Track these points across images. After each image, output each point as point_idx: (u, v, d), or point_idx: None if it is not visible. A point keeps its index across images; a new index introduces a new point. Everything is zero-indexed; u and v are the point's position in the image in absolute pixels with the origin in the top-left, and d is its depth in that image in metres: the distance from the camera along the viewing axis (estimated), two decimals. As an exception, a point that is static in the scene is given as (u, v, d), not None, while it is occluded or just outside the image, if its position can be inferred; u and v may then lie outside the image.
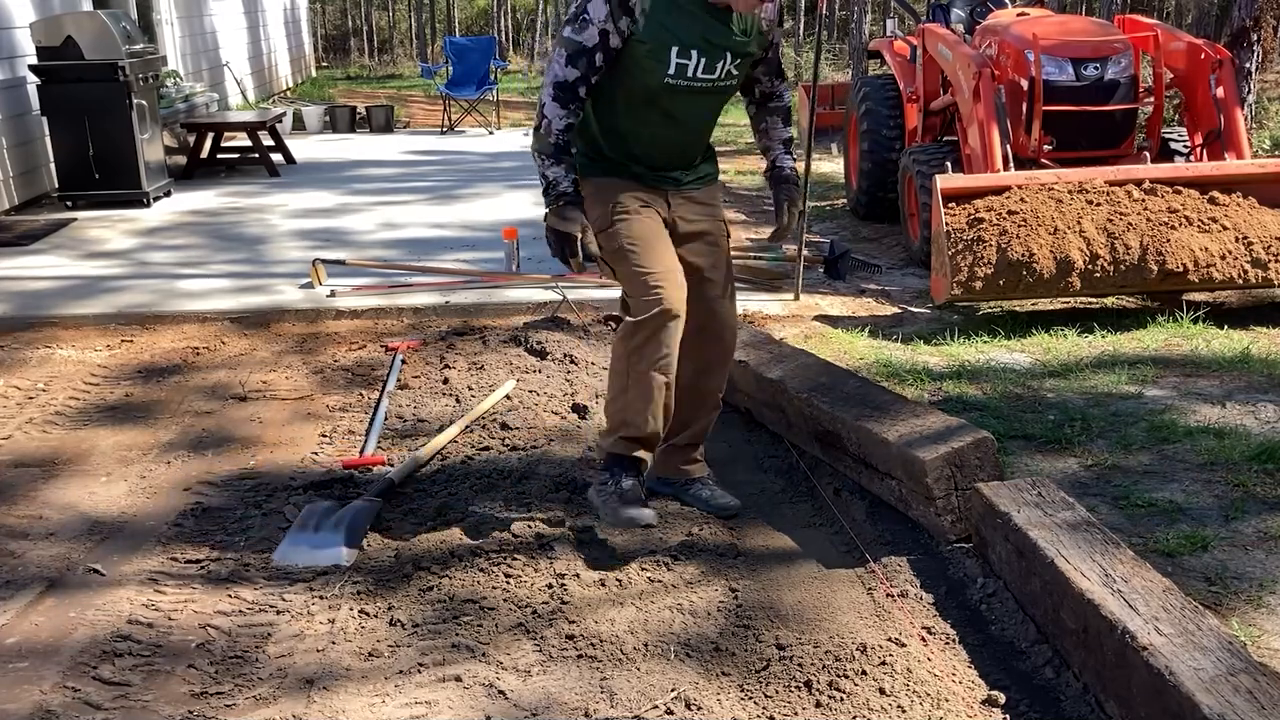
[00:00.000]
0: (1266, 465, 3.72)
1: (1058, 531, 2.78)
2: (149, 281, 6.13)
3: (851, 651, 2.62)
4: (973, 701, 2.50)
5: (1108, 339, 5.24)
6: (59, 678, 2.62)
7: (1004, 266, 5.29)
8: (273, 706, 2.50)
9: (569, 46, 2.95)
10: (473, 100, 12.39)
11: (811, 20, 21.37)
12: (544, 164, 3.01)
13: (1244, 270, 5.38)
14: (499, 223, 7.09)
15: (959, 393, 4.52)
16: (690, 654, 2.66)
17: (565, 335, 5.05)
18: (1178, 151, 6.56)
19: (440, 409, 4.29)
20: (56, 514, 3.50)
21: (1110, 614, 2.39)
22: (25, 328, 5.38)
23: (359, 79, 21.45)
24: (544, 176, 3.02)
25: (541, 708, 2.47)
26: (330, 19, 30.29)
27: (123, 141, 7.82)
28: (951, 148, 6.79)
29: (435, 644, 2.73)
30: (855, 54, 15.33)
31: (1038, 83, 6.15)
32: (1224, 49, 6.71)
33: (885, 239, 7.55)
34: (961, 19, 7.63)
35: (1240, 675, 2.16)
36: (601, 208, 3.08)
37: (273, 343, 5.24)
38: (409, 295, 5.78)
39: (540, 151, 3.01)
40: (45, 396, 4.54)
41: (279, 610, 2.91)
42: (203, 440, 4.09)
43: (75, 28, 7.64)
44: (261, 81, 14.93)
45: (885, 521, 3.38)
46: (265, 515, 3.47)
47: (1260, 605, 2.90)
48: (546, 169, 3.01)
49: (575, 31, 2.94)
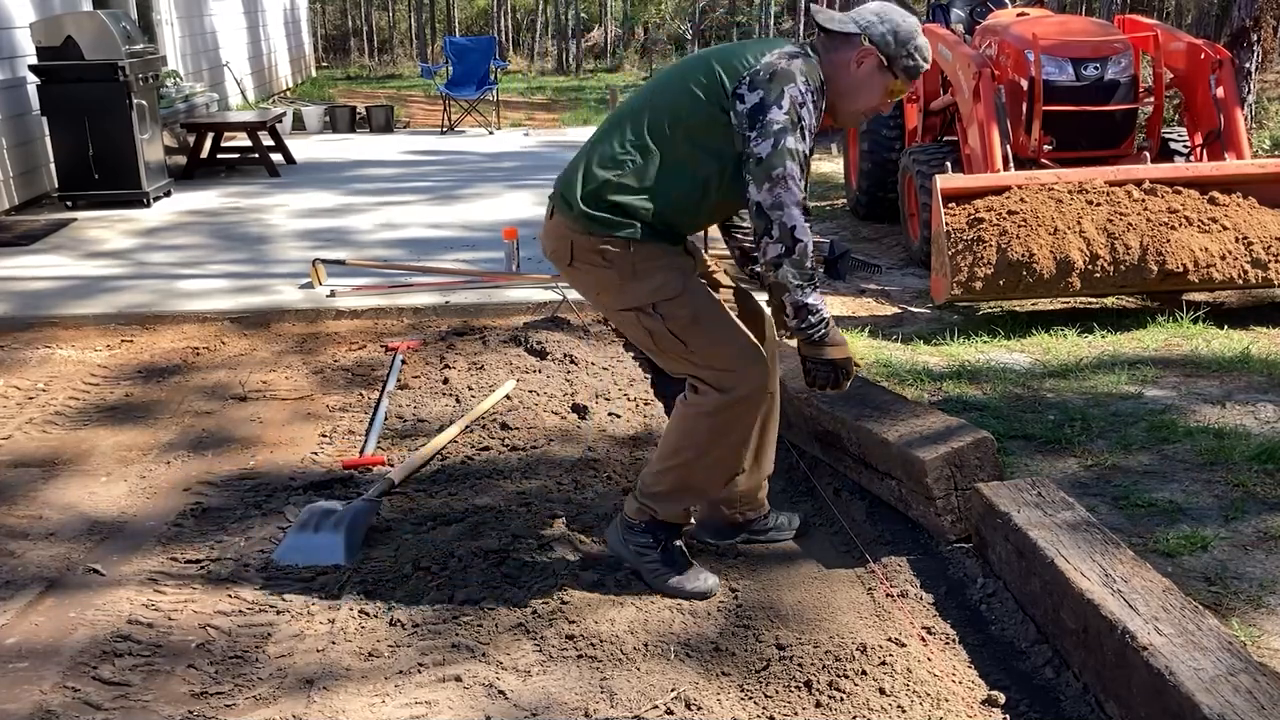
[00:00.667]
0: (1266, 465, 3.72)
1: (1058, 531, 2.78)
2: (149, 281, 6.12)
3: (851, 651, 2.62)
4: (973, 701, 2.50)
5: (1108, 339, 5.24)
6: (59, 678, 2.62)
7: (1004, 266, 5.29)
8: (273, 706, 2.50)
9: (798, 158, 2.65)
10: (473, 100, 12.39)
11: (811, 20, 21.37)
12: (804, 292, 2.69)
13: (1244, 270, 5.38)
14: (499, 223, 7.09)
15: (959, 393, 4.52)
16: (690, 654, 2.66)
17: (565, 335, 5.05)
18: (1178, 151, 6.56)
19: (440, 409, 4.29)
20: (56, 514, 3.50)
21: (1110, 614, 2.39)
22: (25, 328, 5.38)
23: (359, 79, 21.46)
24: (804, 305, 2.71)
25: (541, 708, 2.47)
26: (330, 19, 30.29)
27: (123, 141, 7.81)
28: (951, 148, 6.79)
29: (435, 644, 2.73)
30: (855, 54, 15.34)
31: (1038, 83, 6.16)
32: (1224, 49, 6.71)
33: (885, 239, 7.56)
34: (961, 19, 7.64)
35: (1240, 675, 2.16)
36: (663, 275, 2.80)
37: (273, 343, 5.24)
38: (409, 295, 5.78)
39: (801, 278, 2.67)
40: (45, 396, 4.54)
41: (279, 610, 2.91)
42: (203, 440, 4.09)
43: (75, 28, 7.64)
44: (261, 81, 14.93)
45: (885, 521, 3.38)
46: (265, 515, 3.47)
47: (1260, 605, 2.90)
48: (807, 296, 2.70)
49: (800, 140, 2.66)
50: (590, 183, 2.79)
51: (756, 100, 2.66)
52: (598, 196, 2.78)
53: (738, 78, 2.71)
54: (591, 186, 2.79)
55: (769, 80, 2.67)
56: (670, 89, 2.84)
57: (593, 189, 2.78)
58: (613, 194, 2.77)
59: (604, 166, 2.79)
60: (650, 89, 2.94)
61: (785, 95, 2.65)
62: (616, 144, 2.81)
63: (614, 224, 2.77)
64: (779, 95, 2.65)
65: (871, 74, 2.82)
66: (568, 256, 2.86)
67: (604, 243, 2.78)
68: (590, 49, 26.18)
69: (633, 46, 26.43)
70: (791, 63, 2.70)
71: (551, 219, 2.91)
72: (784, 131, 2.64)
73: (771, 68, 2.69)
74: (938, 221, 5.49)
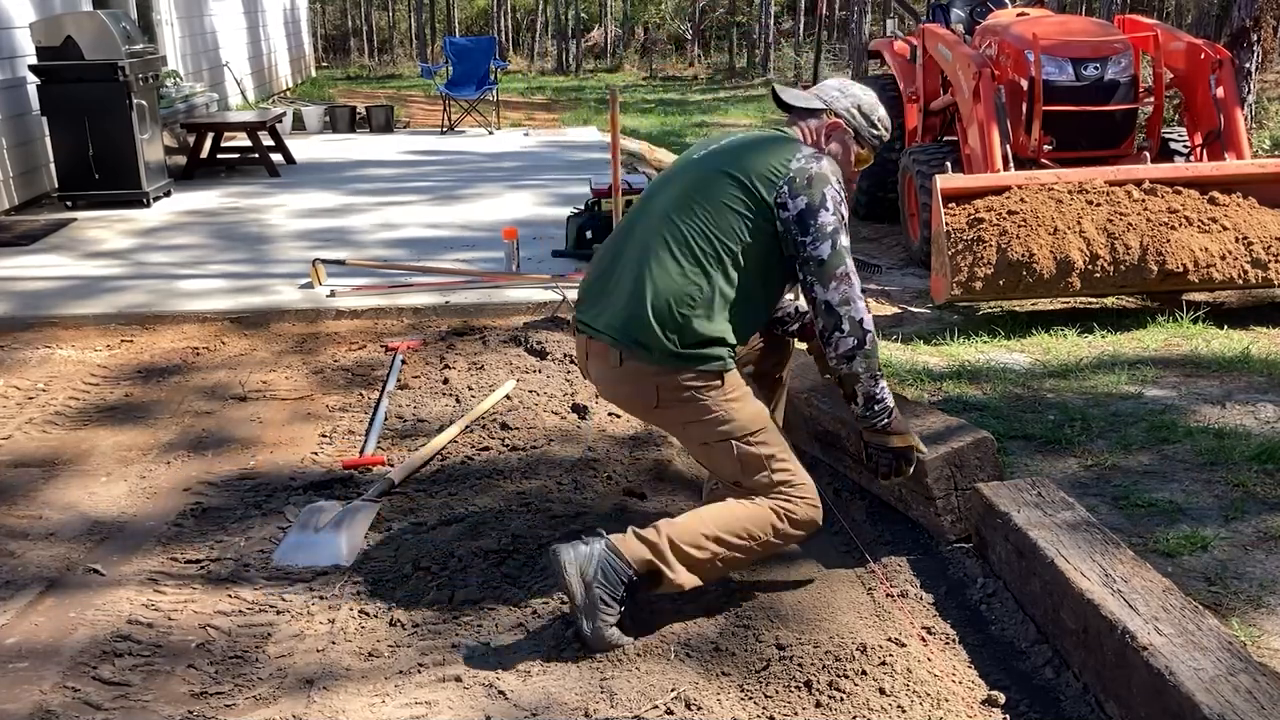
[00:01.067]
0: (1266, 465, 3.72)
1: (1058, 531, 2.79)
2: (149, 281, 6.12)
3: (851, 651, 2.62)
4: (973, 701, 2.50)
5: (1108, 339, 5.24)
6: (59, 678, 2.62)
7: (1004, 266, 5.30)
8: (273, 706, 2.50)
9: (849, 255, 2.78)
10: (473, 100, 12.39)
11: (811, 20, 21.38)
12: (876, 384, 2.82)
13: (1244, 270, 5.38)
14: (499, 223, 7.09)
15: (959, 393, 4.52)
16: (690, 654, 2.66)
17: (565, 335, 5.05)
18: (1178, 151, 6.57)
19: (440, 409, 4.29)
20: (56, 514, 3.50)
21: (1110, 614, 2.39)
22: (25, 328, 5.38)
23: (359, 79, 21.46)
24: (874, 396, 2.83)
25: (541, 708, 2.47)
26: (330, 19, 30.30)
27: (123, 141, 7.81)
28: (951, 148, 6.79)
29: (435, 644, 2.73)
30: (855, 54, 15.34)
31: (1038, 83, 6.16)
32: (1224, 49, 6.71)
33: (885, 239, 7.56)
34: (961, 19, 7.64)
35: (1240, 675, 2.16)
36: (754, 406, 2.83)
37: (273, 343, 5.24)
38: (409, 295, 5.78)
39: (872, 369, 2.80)
40: (45, 396, 4.54)
41: (279, 610, 2.91)
42: (203, 440, 4.09)
43: (75, 28, 7.64)
44: (261, 81, 14.93)
45: (885, 521, 3.38)
46: (265, 515, 3.47)
47: (1260, 605, 2.90)
48: (878, 388, 2.83)
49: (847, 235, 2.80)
50: (667, 323, 2.70)
51: (803, 206, 2.74)
52: (680, 334, 2.70)
53: (775, 188, 2.76)
54: (671, 326, 2.70)
55: (808, 186, 2.75)
56: (702, 203, 2.78)
57: (673, 328, 2.70)
58: (695, 329, 2.71)
59: (676, 302, 2.70)
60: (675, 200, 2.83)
61: (828, 197, 2.75)
62: (675, 274, 2.72)
63: (703, 358, 2.73)
64: (822, 198, 2.75)
65: (842, 145, 3.00)
66: (653, 399, 2.78)
67: (695, 379, 2.74)
68: (590, 49, 26.19)
69: (633, 46, 26.44)
70: (821, 164, 2.79)
71: (621, 365, 2.76)
72: (837, 232, 2.76)
73: (806, 173, 2.76)
74: (938, 221, 5.49)
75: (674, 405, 2.78)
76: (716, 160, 2.86)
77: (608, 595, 2.65)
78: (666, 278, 2.72)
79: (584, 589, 2.64)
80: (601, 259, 2.96)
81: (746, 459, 2.79)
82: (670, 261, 2.74)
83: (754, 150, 2.85)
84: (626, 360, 2.75)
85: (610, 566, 2.67)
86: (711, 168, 2.85)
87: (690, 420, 2.80)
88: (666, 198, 2.87)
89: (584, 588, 2.64)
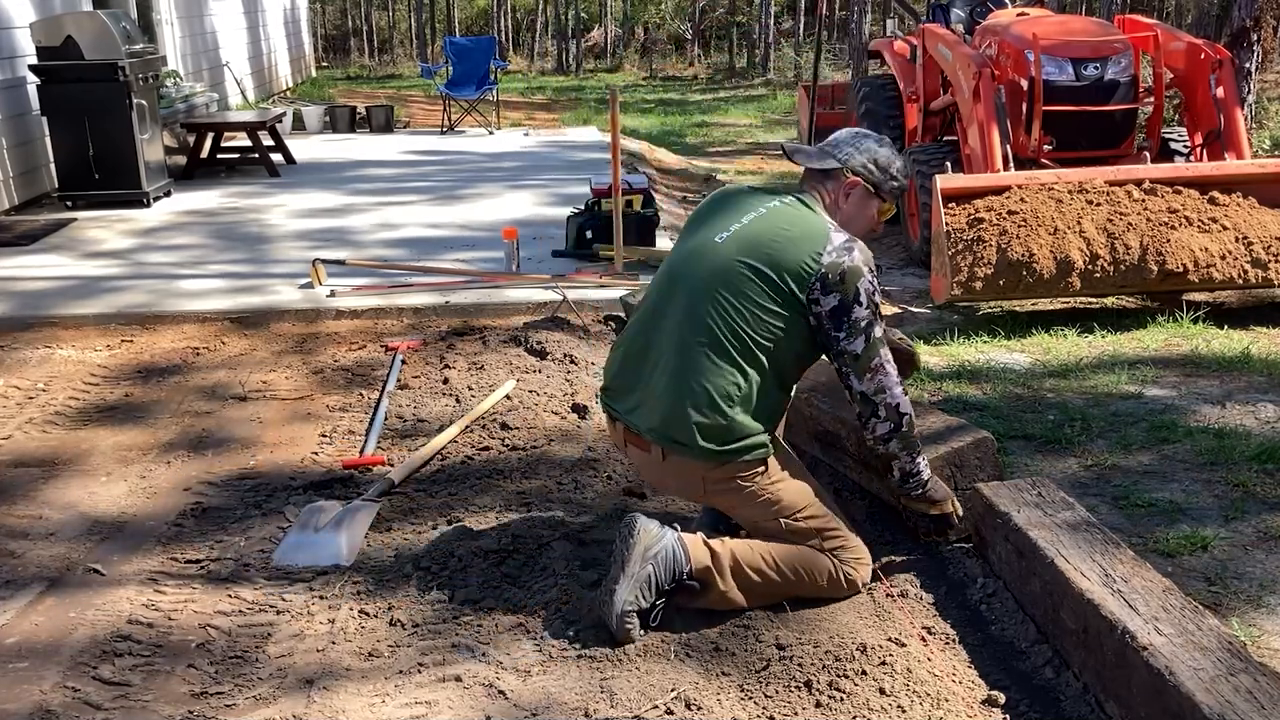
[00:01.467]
0: (1266, 465, 3.72)
1: (1058, 531, 2.78)
2: (149, 281, 6.12)
3: (851, 651, 2.62)
4: (973, 701, 2.50)
5: (1108, 339, 5.24)
6: (59, 678, 2.62)
7: (1004, 266, 5.30)
8: (273, 706, 2.50)
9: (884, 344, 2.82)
10: (473, 100, 12.39)
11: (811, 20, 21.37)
12: (915, 460, 2.89)
13: (1244, 270, 5.38)
14: (499, 223, 7.10)
15: (959, 393, 4.52)
16: (690, 654, 2.66)
17: (565, 335, 5.05)
18: (1178, 151, 6.57)
19: (440, 409, 4.29)
20: (56, 514, 3.50)
21: (1110, 614, 2.39)
22: (25, 328, 5.38)
23: (359, 79, 21.47)
24: (917, 473, 2.91)
25: (541, 708, 2.47)
26: (330, 19, 30.30)
27: (123, 141, 7.81)
28: (951, 148, 6.79)
29: (435, 644, 2.73)
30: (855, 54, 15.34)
31: (1038, 83, 6.16)
32: (1224, 49, 6.71)
33: (885, 239, 7.55)
34: (961, 19, 7.64)
35: (1240, 675, 2.16)
36: (797, 485, 2.87)
37: (272, 343, 5.24)
38: (409, 295, 5.78)
39: (909, 449, 2.87)
40: (45, 396, 4.54)
41: (279, 610, 2.91)
42: (203, 440, 4.09)
43: (75, 28, 7.64)
44: (261, 81, 14.93)
45: (885, 521, 3.38)
46: (265, 515, 3.47)
47: (1260, 605, 2.90)
48: (915, 465, 2.90)
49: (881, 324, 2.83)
50: (707, 423, 2.71)
51: (836, 303, 2.73)
52: (722, 433, 2.73)
53: (807, 285, 2.74)
54: (711, 426, 2.72)
55: (841, 283, 2.73)
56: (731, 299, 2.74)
57: (714, 428, 2.72)
58: (735, 426, 2.73)
59: (715, 403, 2.71)
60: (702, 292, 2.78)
61: (861, 292, 2.74)
62: (712, 374, 2.72)
63: (745, 450, 2.76)
64: (856, 293, 2.74)
65: (862, 202, 2.95)
66: (700, 490, 2.86)
67: (739, 470, 2.78)
68: (590, 49, 26.19)
69: (633, 46, 26.45)
70: (853, 256, 2.75)
71: (665, 460, 2.79)
72: (870, 325, 2.77)
73: (839, 269, 2.73)
74: (938, 221, 5.49)
75: (721, 494, 2.85)
76: (741, 248, 2.79)
77: (656, 580, 2.69)
78: (703, 379, 2.72)
79: (640, 561, 2.69)
80: (632, 343, 2.92)
81: (798, 533, 2.85)
82: (706, 362, 2.73)
83: (781, 240, 2.78)
84: (670, 456, 2.78)
85: (673, 556, 2.72)
86: (736, 257, 2.78)
87: (738, 505, 2.87)
88: (693, 287, 2.80)
89: (641, 561, 2.69)
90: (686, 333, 2.77)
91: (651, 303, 2.92)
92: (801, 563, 2.83)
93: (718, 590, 2.76)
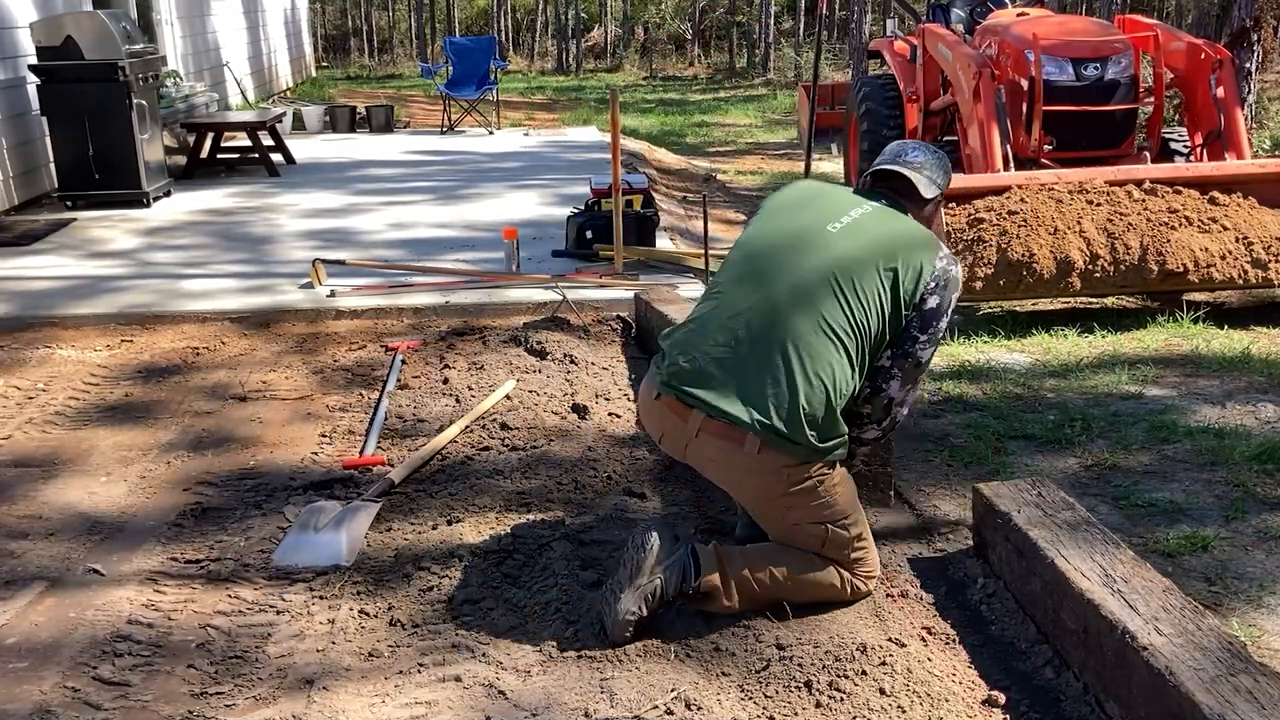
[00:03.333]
0: (1266, 465, 3.72)
1: (1058, 531, 2.78)
2: (149, 281, 6.12)
3: (851, 651, 2.61)
4: (973, 701, 2.50)
5: (1108, 339, 5.24)
6: (59, 678, 2.62)
7: (1004, 266, 5.30)
8: (273, 706, 2.50)
9: None
10: (473, 100, 12.39)
11: (811, 20, 21.37)
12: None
13: (1244, 270, 5.38)
14: (500, 222, 7.09)
15: (959, 393, 4.52)
16: (690, 654, 2.66)
17: (565, 335, 5.05)
18: (1178, 151, 6.57)
19: (440, 409, 4.29)
20: (56, 514, 3.50)
21: (1110, 614, 2.39)
22: (25, 328, 5.38)
23: (359, 79, 21.47)
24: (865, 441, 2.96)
25: (541, 708, 2.46)
26: (330, 19, 30.30)
27: (123, 141, 7.81)
28: (951, 148, 6.79)
29: (435, 644, 2.72)
30: (855, 54, 15.34)
31: (1038, 83, 6.16)
32: (1224, 49, 6.71)
33: (885, 239, 7.54)
34: (961, 19, 7.64)
35: (1240, 675, 2.16)
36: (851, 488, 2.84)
37: (273, 343, 5.24)
38: (409, 295, 5.78)
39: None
40: (45, 396, 4.54)
41: (279, 610, 2.91)
42: (203, 440, 4.09)
43: (75, 28, 7.64)
44: (261, 81, 14.93)
45: (885, 521, 3.37)
46: (265, 515, 3.47)
47: (1260, 605, 2.90)
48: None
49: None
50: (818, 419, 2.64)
51: (933, 305, 2.78)
52: (825, 430, 2.66)
53: (922, 283, 2.76)
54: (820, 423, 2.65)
55: (944, 288, 2.80)
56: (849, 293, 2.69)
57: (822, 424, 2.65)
58: (835, 423, 2.68)
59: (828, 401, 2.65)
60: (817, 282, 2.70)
61: (952, 302, 2.82)
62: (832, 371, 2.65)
63: (834, 448, 2.72)
64: (949, 303, 2.81)
65: (940, 214, 3.11)
66: (780, 489, 2.70)
67: (822, 468, 2.71)
68: (590, 49, 26.20)
69: (633, 46, 26.44)
70: (957, 269, 2.85)
71: (759, 453, 2.65)
72: (940, 340, 2.85)
73: (946, 274, 2.80)
74: (938, 221, 5.49)
75: (795, 494, 2.71)
76: (863, 242, 2.76)
77: (662, 593, 2.66)
78: (823, 371, 2.64)
79: (649, 574, 2.65)
80: (722, 326, 2.74)
81: (836, 540, 2.78)
82: (830, 354, 2.65)
83: (906, 239, 2.80)
84: (765, 450, 2.65)
85: (683, 574, 2.68)
86: (859, 249, 2.75)
87: (796, 505, 2.73)
88: (809, 275, 2.72)
89: (650, 573, 2.65)
90: (805, 322, 2.66)
91: (749, 284, 2.77)
92: (809, 578, 2.80)
93: (720, 603, 2.76)
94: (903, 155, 3.00)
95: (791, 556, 2.80)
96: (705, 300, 2.90)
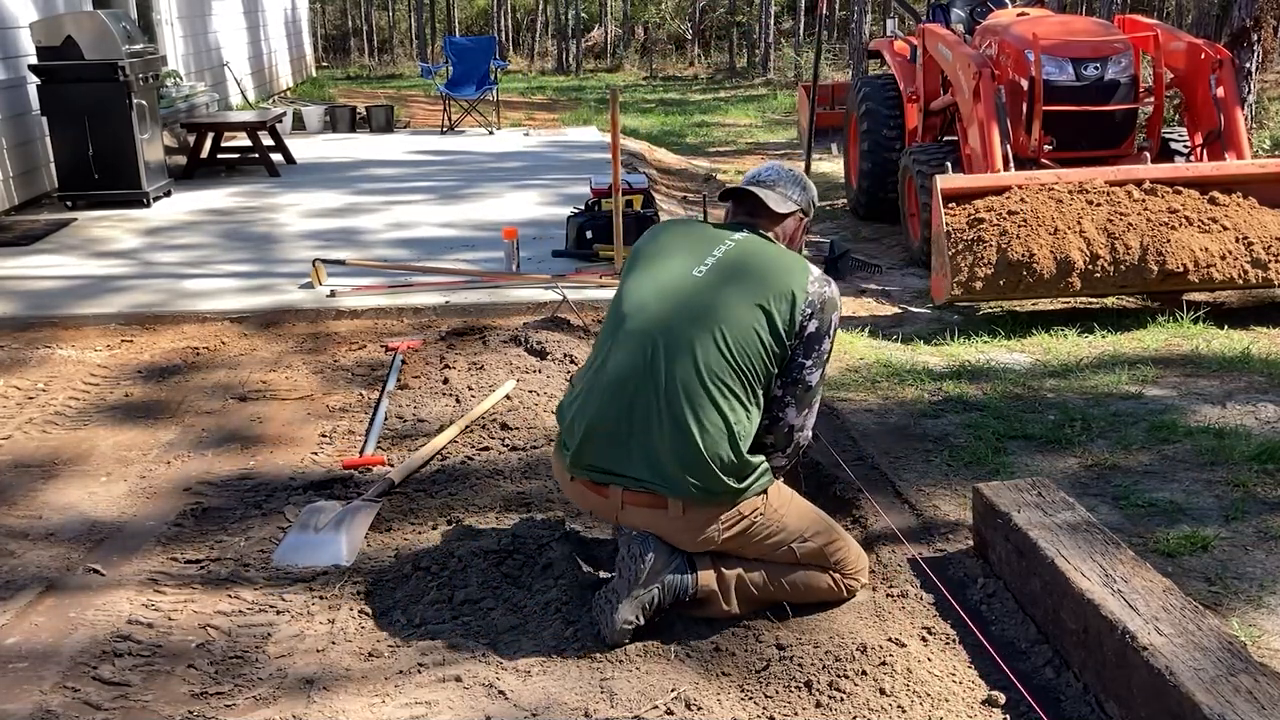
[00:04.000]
0: (1266, 465, 3.72)
1: (1058, 531, 2.78)
2: (149, 281, 6.12)
3: (851, 651, 2.62)
4: (973, 701, 2.50)
5: (1108, 339, 5.24)
6: (59, 678, 2.62)
7: (1004, 266, 5.30)
8: (273, 706, 2.50)
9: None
10: (473, 100, 12.39)
11: (811, 20, 21.37)
12: None
13: (1244, 270, 5.38)
14: (500, 222, 7.09)
15: (959, 393, 4.52)
16: (690, 654, 2.66)
17: (565, 335, 5.05)
18: (1178, 151, 6.56)
19: (440, 409, 4.29)
20: (56, 514, 3.50)
21: (1110, 614, 2.39)
22: (25, 328, 5.38)
23: (359, 79, 21.47)
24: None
25: (541, 708, 2.47)
26: (330, 19, 30.30)
27: (123, 141, 7.81)
28: (951, 148, 6.79)
29: (435, 644, 2.73)
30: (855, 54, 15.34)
31: (1038, 83, 6.15)
32: (1224, 49, 6.71)
33: (885, 239, 7.56)
34: (961, 19, 7.63)
35: (1240, 675, 2.16)
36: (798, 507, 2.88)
37: (273, 343, 5.24)
38: (409, 295, 5.78)
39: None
40: (45, 396, 4.54)
41: (279, 610, 2.91)
42: (203, 440, 4.09)
43: (75, 28, 7.64)
44: (261, 81, 14.93)
45: (885, 521, 3.37)
46: (265, 515, 3.47)
47: (1260, 605, 2.90)
48: None
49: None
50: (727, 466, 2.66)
51: (813, 329, 2.79)
52: (738, 472, 2.69)
53: (799, 312, 2.75)
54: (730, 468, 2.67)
55: (822, 310, 2.80)
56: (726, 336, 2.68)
57: (732, 469, 2.68)
58: (746, 461, 2.70)
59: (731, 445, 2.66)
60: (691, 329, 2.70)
61: (832, 324, 2.82)
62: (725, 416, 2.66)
63: (756, 481, 2.74)
64: (830, 325, 2.82)
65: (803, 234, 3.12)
66: (715, 536, 2.74)
67: (754, 502, 2.75)
68: (590, 49, 26.19)
69: (633, 46, 26.44)
70: (831, 288, 2.84)
71: (684, 514, 2.69)
72: (827, 362, 2.85)
73: (822, 296, 2.80)
74: (938, 221, 5.49)
75: (734, 536, 2.75)
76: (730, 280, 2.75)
77: (659, 602, 2.70)
78: (718, 422, 2.65)
79: (646, 584, 2.68)
80: (604, 394, 2.75)
81: (807, 553, 2.85)
82: (721, 400, 2.66)
83: (773, 270, 2.78)
84: (690, 509, 2.70)
85: (681, 583, 2.73)
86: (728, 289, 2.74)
87: (748, 544, 2.79)
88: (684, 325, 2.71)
89: (647, 583, 2.68)
90: (689, 374, 2.66)
91: (626, 347, 2.75)
92: (804, 582, 2.85)
93: (719, 608, 2.79)
94: (756, 176, 3.03)
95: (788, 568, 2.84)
96: (589, 367, 2.90)
